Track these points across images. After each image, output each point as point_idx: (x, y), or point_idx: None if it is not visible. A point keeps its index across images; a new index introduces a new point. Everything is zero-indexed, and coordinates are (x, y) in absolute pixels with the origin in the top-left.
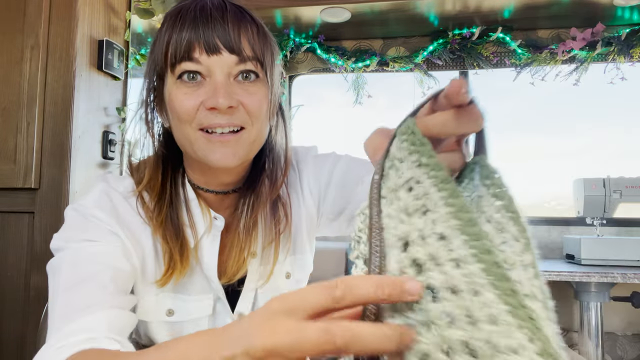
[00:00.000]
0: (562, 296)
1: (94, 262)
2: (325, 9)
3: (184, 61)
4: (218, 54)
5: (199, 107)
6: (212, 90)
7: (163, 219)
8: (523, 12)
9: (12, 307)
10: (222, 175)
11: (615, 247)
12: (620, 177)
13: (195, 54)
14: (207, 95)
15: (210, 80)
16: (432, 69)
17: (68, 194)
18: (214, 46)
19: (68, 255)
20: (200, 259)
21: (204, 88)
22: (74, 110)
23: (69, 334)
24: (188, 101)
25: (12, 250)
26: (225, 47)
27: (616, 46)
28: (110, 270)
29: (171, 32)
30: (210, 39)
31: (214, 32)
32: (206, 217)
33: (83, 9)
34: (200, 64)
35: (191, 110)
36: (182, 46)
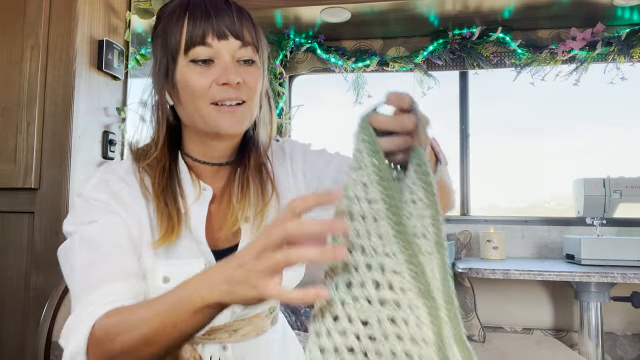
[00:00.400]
0: (562, 296)
1: (103, 239)
2: (325, 9)
3: (199, 45)
4: (226, 39)
5: (211, 84)
6: (223, 69)
7: (164, 188)
8: (523, 12)
9: (12, 307)
10: (221, 146)
11: (615, 247)
12: (620, 177)
13: (208, 39)
14: (218, 73)
15: (219, 61)
16: (432, 69)
17: (68, 194)
18: (223, 33)
19: (78, 236)
20: (190, 224)
21: (214, 68)
22: (74, 110)
23: (94, 301)
24: (202, 79)
25: (12, 250)
26: (231, 34)
27: (616, 46)
28: (117, 245)
29: (184, 21)
30: (221, 27)
31: (222, 22)
32: (196, 187)
33: (83, 9)
34: (211, 47)
35: (205, 86)
36: (197, 33)
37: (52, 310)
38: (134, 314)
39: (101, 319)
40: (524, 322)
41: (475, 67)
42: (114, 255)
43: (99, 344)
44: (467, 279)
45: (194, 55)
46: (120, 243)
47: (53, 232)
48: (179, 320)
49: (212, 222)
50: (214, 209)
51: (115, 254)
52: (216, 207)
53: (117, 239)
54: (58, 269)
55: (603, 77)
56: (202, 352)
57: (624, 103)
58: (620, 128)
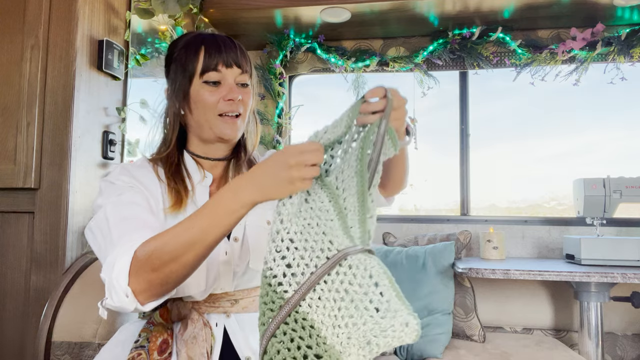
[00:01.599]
0: (562, 296)
1: (131, 204)
2: (325, 9)
3: (212, 71)
4: (231, 68)
5: (219, 101)
6: (228, 89)
7: (173, 172)
8: (523, 12)
9: (12, 307)
10: (220, 147)
11: (615, 247)
12: (620, 177)
13: (219, 67)
14: (225, 92)
15: (225, 83)
16: (432, 69)
17: (68, 194)
18: (230, 63)
19: (109, 206)
20: (195, 199)
21: (221, 89)
22: (74, 110)
23: (128, 241)
24: (212, 96)
25: (12, 250)
26: (235, 64)
27: (616, 46)
28: (143, 207)
29: (201, 52)
30: (229, 59)
31: (229, 55)
32: (200, 173)
33: (83, 9)
34: (220, 73)
35: (214, 102)
36: (212, 62)
37: (52, 310)
38: (170, 231)
39: (141, 245)
40: (524, 322)
41: (475, 67)
42: (140, 213)
43: (143, 262)
44: (467, 279)
45: (207, 78)
46: (144, 205)
47: (53, 232)
48: (214, 223)
49: None
50: (213, 191)
51: (141, 212)
52: (215, 189)
53: (142, 203)
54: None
55: (603, 77)
56: (208, 319)
57: (624, 103)
58: (620, 128)
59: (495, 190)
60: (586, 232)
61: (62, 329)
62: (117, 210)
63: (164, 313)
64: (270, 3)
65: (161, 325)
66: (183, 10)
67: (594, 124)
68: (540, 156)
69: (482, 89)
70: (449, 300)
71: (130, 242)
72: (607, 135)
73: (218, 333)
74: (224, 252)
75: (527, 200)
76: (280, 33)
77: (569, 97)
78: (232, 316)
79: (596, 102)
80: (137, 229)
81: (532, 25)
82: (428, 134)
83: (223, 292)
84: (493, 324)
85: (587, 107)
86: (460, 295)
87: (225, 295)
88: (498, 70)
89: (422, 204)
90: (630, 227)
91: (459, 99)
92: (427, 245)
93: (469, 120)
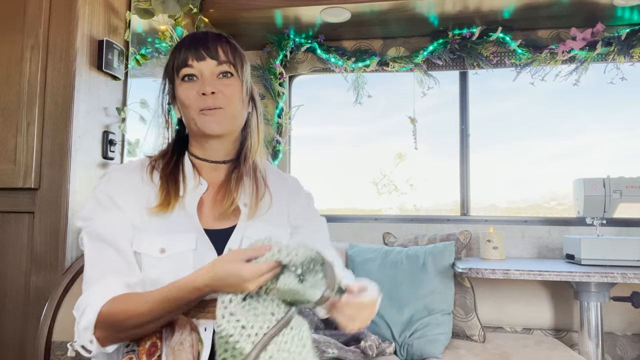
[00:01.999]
0: (562, 296)
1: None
2: (325, 9)
3: (184, 67)
4: (204, 60)
5: (195, 96)
6: (202, 84)
7: (168, 174)
8: (523, 12)
9: (12, 307)
10: (215, 145)
11: (615, 247)
12: (620, 177)
13: (189, 62)
14: (199, 87)
15: (201, 78)
16: (432, 69)
17: (68, 194)
18: (200, 55)
19: (86, 237)
20: (185, 204)
21: (197, 83)
22: (74, 110)
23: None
24: (189, 92)
25: (12, 250)
26: (207, 56)
27: (616, 46)
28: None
29: (177, 52)
30: (201, 52)
31: (201, 48)
32: (196, 179)
33: (83, 9)
34: (193, 67)
35: (192, 97)
36: (183, 58)
37: (52, 310)
38: (133, 304)
39: (108, 305)
40: (524, 322)
41: (475, 67)
42: (110, 252)
43: (108, 325)
44: (467, 279)
45: (183, 74)
46: (117, 233)
47: (53, 232)
48: (177, 298)
49: (206, 207)
50: (209, 198)
51: (111, 248)
52: (212, 196)
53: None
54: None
55: (603, 77)
56: (197, 324)
57: (624, 103)
58: (620, 128)
59: (495, 190)
60: (586, 232)
61: (62, 329)
62: (92, 245)
63: None
64: (270, 3)
65: None
66: (183, 10)
67: (594, 124)
68: (540, 156)
69: (482, 89)
70: (449, 300)
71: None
72: (607, 135)
73: (206, 338)
74: None
75: (527, 200)
76: (280, 33)
77: (569, 97)
78: None
79: (596, 102)
80: (106, 274)
81: (532, 25)
82: (428, 134)
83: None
84: (493, 324)
85: (587, 107)
86: (460, 295)
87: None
88: (498, 70)
89: (422, 204)
90: (630, 227)
91: (459, 99)
92: (427, 245)
93: (469, 120)
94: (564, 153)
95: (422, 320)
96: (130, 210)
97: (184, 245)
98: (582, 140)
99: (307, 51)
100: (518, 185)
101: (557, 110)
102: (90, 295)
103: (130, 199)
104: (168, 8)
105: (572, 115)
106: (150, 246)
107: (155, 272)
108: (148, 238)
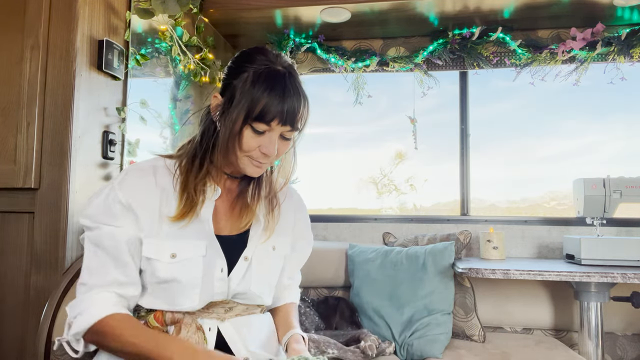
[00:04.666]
0: (562, 296)
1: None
2: (325, 9)
3: (262, 123)
4: (284, 126)
5: (255, 147)
6: (269, 141)
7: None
8: (523, 12)
9: (12, 307)
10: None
11: (615, 247)
12: (620, 177)
13: (272, 123)
14: (264, 142)
15: (270, 133)
16: (432, 69)
17: (68, 194)
18: (284, 121)
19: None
20: (200, 212)
21: (264, 137)
22: (74, 110)
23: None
24: (252, 142)
25: (12, 250)
26: (289, 124)
27: (616, 46)
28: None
29: (264, 97)
30: (287, 118)
31: (289, 113)
32: (211, 187)
33: (83, 9)
34: (271, 128)
35: (252, 148)
36: (269, 115)
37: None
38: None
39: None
40: (524, 322)
41: (475, 67)
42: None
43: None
44: (467, 279)
45: (257, 126)
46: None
47: (53, 232)
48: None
49: (220, 215)
50: (223, 205)
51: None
52: (228, 205)
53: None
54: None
55: (603, 77)
56: (201, 323)
57: (624, 103)
58: (620, 128)
59: (495, 190)
60: (586, 232)
61: (62, 328)
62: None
63: (158, 317)
64: (270, 3)
65: (156, 328)
66: (183, 10)
67: (594, 124)
68: (540, 156)
69: (482, 89)
70: (449, 300)
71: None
72: (607, 135)
73: (211, 337)
74: (220, 269)
75: (527, 200)
76: (280, 33)
77: (569, 97)
78: (226, 321)
79: (596, 102)
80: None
81: (532, 25)
82: (428, 134)
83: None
84: (493, 324)
85: (587, 107)
86: (460, 295)
87: (220, 303)
88: (498, 70)
89: (422, 204)
90: (630, 227)
91: (459, 99)
92: (427, 245)
93: (469, 120)
94: (564, 153)
95: (422, 320)
96: (143, 216)
97: (193, 252)
98: (582, 140)
99: (307, 51)
100: (518, 185)
101: (557, 110)
102: (85, 302)
103: (144, 204)
104: (168, 8)
105: (572, 115)
106: (161, 252)
107: (166, 275)
108: (159, 243)
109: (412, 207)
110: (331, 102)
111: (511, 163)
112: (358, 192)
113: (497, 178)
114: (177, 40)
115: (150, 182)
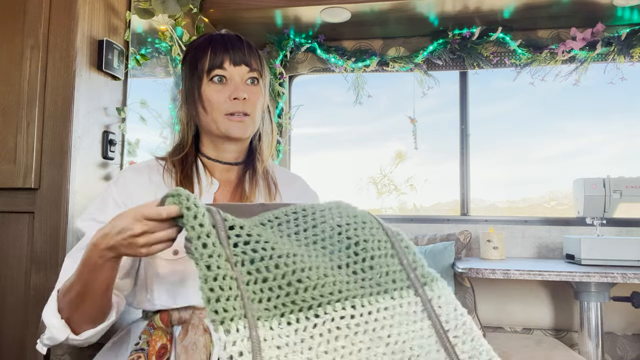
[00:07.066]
0: (562, 296)
1: None
2: (325, 9)
3: (217, 68)
4: (238, 66)
5: (225, 100)
6: (234, 88)
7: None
8: (523, 12)
9: (12, 307)
10: (230, 147)
11: (615, 247)
12: (620, 177)
13: (225, 65)
14: (230, 91)
15: (232, 82)
16: (432, 69)
17: (68, 194)
18: (237, 60)
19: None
20: None
21: (228, 87)
22: (74, 110)
23: None
24: (218, 95)
25: (12, 250)
26: (242, 62)
27: (616, 46)
28: None
29: (208, 52)
30: (235, 57)
31: (236, 53)
32: (208, 179)
33: (83, 9)
34: (226, 70)
35: (221, 100)
36: (219, 60)
37: None
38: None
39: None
40: (524, 322)
41: (475, 67)
42: None
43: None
44: (467, 279)
45: (214, 75)
46: None
47: (53, 232)
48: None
49: None
50: (222, 198)
51: None
52: (226, 196)
53: None
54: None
55: (603, 77)
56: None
57: (624, 103)
58: (620, 128)
59: (495, 190)
60: (586, 232)
61: None
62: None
63: (164, 317)
64: (270, 3)
65: (161, 329)
66: (183, 10)
67: (594, 124)
68: (540, 156)
69: (482, 89)
70: None
71: None
72: (607, 135)
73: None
74: None
75: (527, 200)
76: (280, 33)
77: (569, 97)
78: None
79: (596, 102)
80: None
81: (532, 25)
82: (428, 134)
83: None
84: (493, 324)
85: (587, 107)
86: (460, 295)
87: None
88: (498, 70)
89: (422, 204)
90: (630, 227)
91: (459, 99)
92: (427, 245)
93: (469, 120)
94: (564, 153)
95: None
96: None
97: None
98: (582, 140)
99: (307, 51)
100: (518, 185)
101: (557, 110)
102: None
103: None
104: (168, 8)
105: (572, 115)
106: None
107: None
108: None
109: (412, 207)
110: (331, 102)
111: (511, 163)
112: (358, 192)
113: (497, 178)
114: (177, 40)
115: (145, 180)
